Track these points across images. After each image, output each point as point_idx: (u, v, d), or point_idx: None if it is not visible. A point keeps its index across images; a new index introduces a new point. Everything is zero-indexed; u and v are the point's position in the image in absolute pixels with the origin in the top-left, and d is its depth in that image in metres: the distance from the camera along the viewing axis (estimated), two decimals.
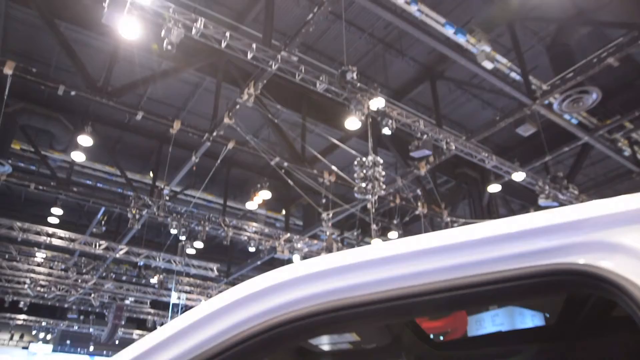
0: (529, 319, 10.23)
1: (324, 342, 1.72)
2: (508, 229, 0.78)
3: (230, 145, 9.71)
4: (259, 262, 15.02)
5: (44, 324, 24.33)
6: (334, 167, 10.58)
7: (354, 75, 7.87)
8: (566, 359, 1.73)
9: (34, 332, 25.28)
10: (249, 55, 7.44)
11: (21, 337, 25.30)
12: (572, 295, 1.52)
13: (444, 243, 0.80)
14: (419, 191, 12.07)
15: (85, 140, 10.27)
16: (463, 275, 0.76)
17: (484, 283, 0.75)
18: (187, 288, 18.90)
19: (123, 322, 21.44)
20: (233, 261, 17.95)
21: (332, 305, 0.81)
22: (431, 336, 1.77)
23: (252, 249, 14.01)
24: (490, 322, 10.66)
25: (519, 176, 11.07)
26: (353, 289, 0.81)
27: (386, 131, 8.91)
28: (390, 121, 8.87)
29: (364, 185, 8.74)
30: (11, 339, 24.99)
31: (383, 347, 1.69)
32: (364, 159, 8.91)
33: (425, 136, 9.44)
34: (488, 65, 8.72)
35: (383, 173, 8.88)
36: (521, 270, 0.74)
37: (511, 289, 0.75)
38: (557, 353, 1.73)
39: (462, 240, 0.79)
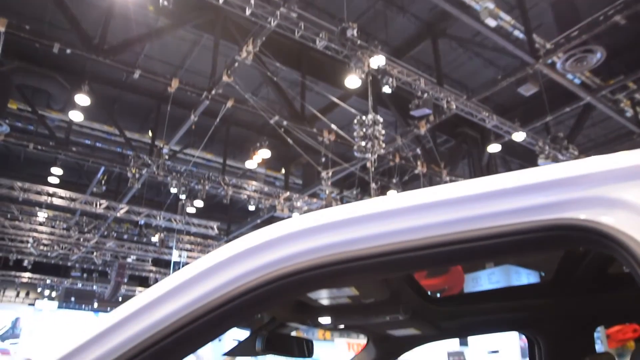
0: (525, 278, 10.39)
1: (322, 297, 1.75)
2: (506, 184, 0.77)
3: (229, 103, 9.63)
4: (258, 221, 15.14)
5: (48, 281, 24.70)
6: (333, 126, 10.52)
7: (354, 32, 7.74)
8: (562, 315, 1.76)
9: (39, 290, 25.70)
10: (248, 12, 7.29)
11: (27, 294, 25.74)
12: (568, 252, 1.53)
13: (442, 198, 0.80)
14: (418, 150, 12.06)
15: (82, 99, 10.15)
16: (461, 230, 0.76)
17: (482, 238, 0.75)
18: (188, 246, 19.13)
19: (125, 280, 21.78)
20: (233, 220, 18.11)
21: (329, 259, 0.81)
22: (429, 293, 1.80)
23: (251, 208, 14.11)
24: (487, 280, 10.84)
25: (519, 136, 11.02)
26: (350, 243, 0.81)
27: (386, 89, 8.83)
28: (390, 79, 8.77)
29: (363, 144, 8.73)
30: (17, 296, 25.45)
31: (381, 302, 1.72)
32: (363, 117, 8.86)
33: (425, 95, 9.35)
34: (491, 22, 8.53)
35: (383, 132, 8.85)
36: (520, 225, 0.73)
37: (510, 243, 0.75)
38: (553, 309, 1.76)
39: (460, 195, 0.79)
